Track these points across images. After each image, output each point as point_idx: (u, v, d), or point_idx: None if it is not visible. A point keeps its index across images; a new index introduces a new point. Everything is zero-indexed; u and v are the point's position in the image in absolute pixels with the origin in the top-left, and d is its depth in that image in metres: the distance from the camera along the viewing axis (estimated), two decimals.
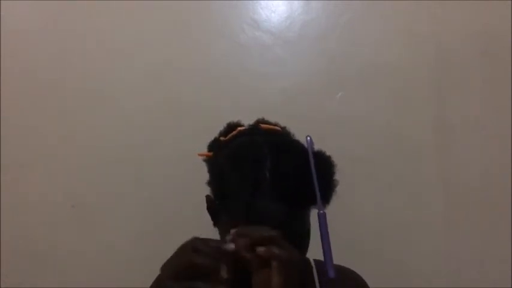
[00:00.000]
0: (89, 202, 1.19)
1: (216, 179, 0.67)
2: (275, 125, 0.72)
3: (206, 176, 0.70)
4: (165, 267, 0.53)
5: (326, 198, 0.65)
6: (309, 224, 0.66)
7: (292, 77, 1.20)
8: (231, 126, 0.73)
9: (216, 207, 0.67)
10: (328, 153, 0.67)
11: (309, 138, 0.65)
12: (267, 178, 0.61)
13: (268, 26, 1.21)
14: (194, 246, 0.51)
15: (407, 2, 1.20)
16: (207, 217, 0.71)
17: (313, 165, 0.62)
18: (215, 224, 0.69)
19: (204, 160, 0.72)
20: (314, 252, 0.68)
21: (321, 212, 0.61)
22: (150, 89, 1.21)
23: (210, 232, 0.65)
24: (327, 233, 0.60)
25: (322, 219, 0.60)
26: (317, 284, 0.73)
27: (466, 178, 1.17)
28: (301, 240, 0.65)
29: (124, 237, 1.18)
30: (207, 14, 1.22)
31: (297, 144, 0.67)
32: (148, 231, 1.17)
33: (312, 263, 0.75)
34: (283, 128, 0.72)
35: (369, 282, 0.80)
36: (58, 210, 1.19)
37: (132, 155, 1.19)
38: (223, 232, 0.66)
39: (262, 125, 0.71)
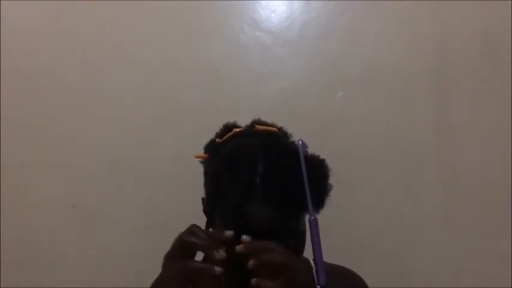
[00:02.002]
0: (89, 202, 1.19)
1: (210, 182, 0.67)
2: (271, 125, 0.71)
3: None
4: None
5: (319, 202, 0.64)
6: (304, 226, 0.64)
7: (292, 77, 1.20)
8: (227, 127, 0.72)
9: (211, 209, 0.67)
10: (323, 157, 0.66)
11: (300, 142, 0.64)
12: (258, 182, 0.60)
13: (268, 26, 1.21)
14: (189, 229, 0.56)
15: (407, 2, 1.20)
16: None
17: (304, 170, 0.61)
18: (211, 226, 0.68)
19: (201, 162, 0.71)
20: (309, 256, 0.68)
21: (312, 218, 0.60)
22: (150, 89, 1.21)
23: None
24: (319, 239, 0.59)
25: (314, 225, 0.60)
26: (317, 285, 0.72)
27: (466, 178, 1.17)
28: (296, 243, 0.63)
29: (124, 237, 1.18)
30: (207, 14, 1.22)
31: (290, 147, 0.66)
32: (148, 231, 1.17)
33: (312, 264, 0.75)
34: (280, 129, 0.71)
35: (369, 282, 0.80)
36: (58, 210, 1.19)
37: (132, 155, 1.19)
38: None
39: (258, 126, 0.70)
